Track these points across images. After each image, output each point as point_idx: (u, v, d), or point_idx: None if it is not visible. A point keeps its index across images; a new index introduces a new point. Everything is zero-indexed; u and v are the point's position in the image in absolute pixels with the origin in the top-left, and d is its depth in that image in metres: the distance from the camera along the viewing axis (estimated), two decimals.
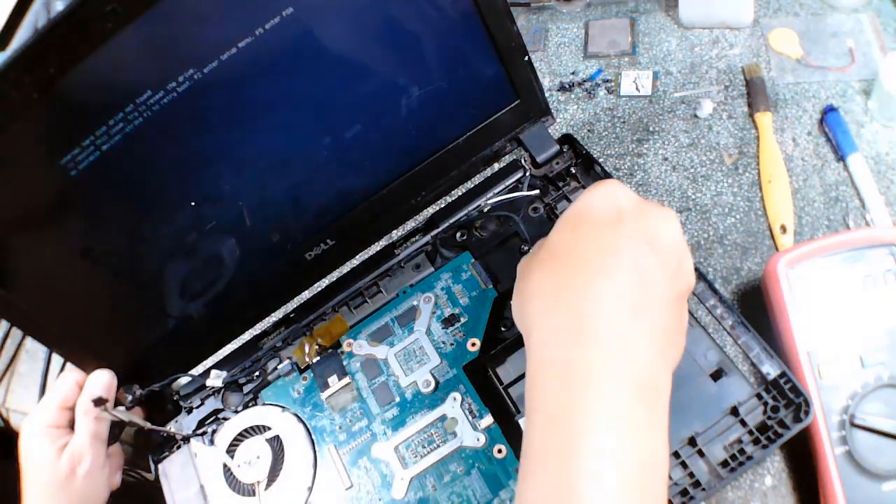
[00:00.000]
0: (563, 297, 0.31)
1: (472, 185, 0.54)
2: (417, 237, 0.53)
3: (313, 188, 0.49)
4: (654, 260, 0.32)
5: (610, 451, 0.28)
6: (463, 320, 0.49)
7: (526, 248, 0.50)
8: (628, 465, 0.28)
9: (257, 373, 0.52)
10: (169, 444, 0.52)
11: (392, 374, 0.49)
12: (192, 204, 0.45)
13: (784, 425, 0.40)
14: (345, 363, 0.50)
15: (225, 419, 0.51)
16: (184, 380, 0.54)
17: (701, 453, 0.41)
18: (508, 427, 0.45)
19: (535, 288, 0.33)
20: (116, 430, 0.50)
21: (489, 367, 0.48)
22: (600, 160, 0.51)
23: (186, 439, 0.51)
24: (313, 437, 0.49)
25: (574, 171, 0.52)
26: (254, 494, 0.47)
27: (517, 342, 0.48)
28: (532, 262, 0.35)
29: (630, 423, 0.29)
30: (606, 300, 0.30)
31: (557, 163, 0.52)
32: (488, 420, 0.45)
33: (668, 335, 0.32)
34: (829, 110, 0.58)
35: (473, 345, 0.47)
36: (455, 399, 0.46)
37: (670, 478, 0.41)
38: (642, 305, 0.31)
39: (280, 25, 0.40)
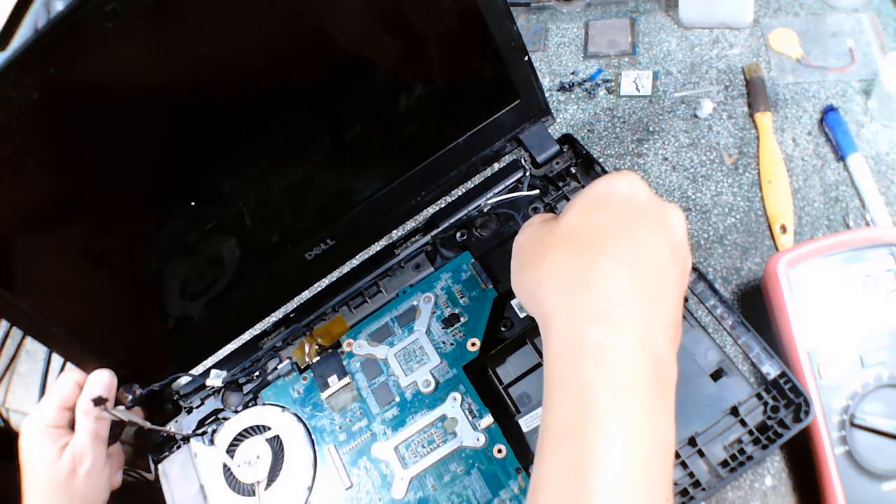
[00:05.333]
0: (586, 281, 0.32)
1: (473, 185, 0.54)
2: (417, 237, 0.53)
3: (313, 188, 0.49)
4: (670, 254, 0.33)
5: (627, 431, 0.29)
6: (463, 320, 0.49)
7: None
8: (642, 445, 0.29)
9: (257, 373, 0.52)
10: (169, 443, 0.52)
11: (392, 374, 0.49)
12: (192, 204, 0.45)
13: (784, 425, 0.40)
14: (345, 363, 0.50)
15: (225, 419, 0.51)
16: (184, 380, 0.54)
17: (701, 453, 0.41)
18: (508, 427, 0.45)
19: (553, 268, 0.33)
20: (117, 430, 0.50)
21: (489, 367, 0.48)
22: (600, 160, 0.51)
23: (186, 439, 0.51)
24: (313, 437, 0.49)
25: (574, 171, 0.52)
26: (254, 494, 0.47)
27: (517, 342, 0.48)
28: (547, 241, 0.35)
29: (647, 405, 0.30)
30: (629, 288, 0.31)
31: (557, 163, 0.52)
32: (488, 420, 0.45)
33: (676, 327, 0.33)
34: (829, 110, 0.58)
35: (473, 345, 0.47)
36: (455, 399, 0.46)
37: None
38: (660, 296, 0.32)
39: (280, 25, 0.40)
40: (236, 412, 0.51)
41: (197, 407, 0.53)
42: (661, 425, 0.31)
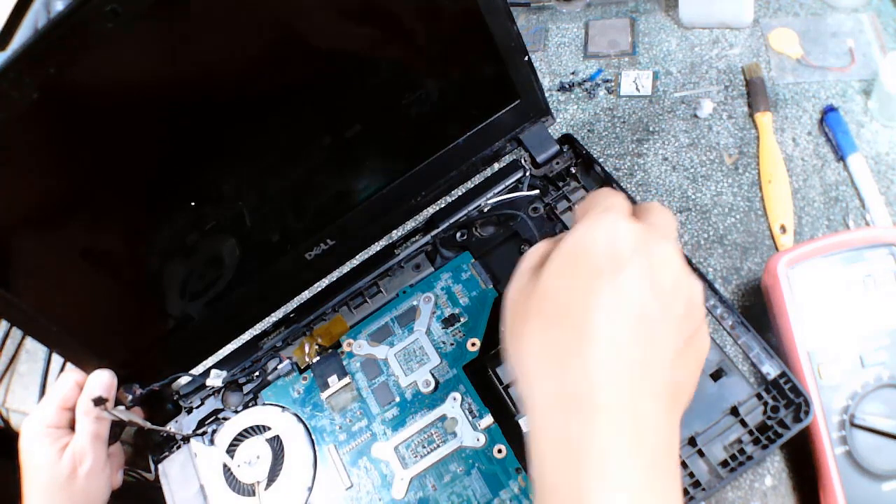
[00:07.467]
0: (560, 360, 0.29)
1: (473, 185, 0.54)
2: (417, 237, 0.53)
3: (313, 188, 0.49)
4: (659, 307, 0.29)
5: None
6: (463, 320, 0.49)
7: (525, 247, 0.50)
8: None
9: (257, 373, 0.52)
10: (169, 443, 0.52)
11: (392, 374, 0.49)
12: (192, 204, 0.45)
13: (784, 425, 0.40)
14: (345, 363, 0.50)
15: (225, 419, 0.51)
16: (184, 380, 0.54)
17: (701, 453, 0.41)
18: (508, 427, 0.45)
19: (529, 342, 0.31)
20: (117, 430, 0.50)
21: (489, 367, 0.48)
22: (600, 160, 0.51)
23: (186, 439, 0.51)
24: (313, 437, 0.49)
25: (574, 171, 0.52)
26: (254, 494, 0.47)
27: None
28: (527, 306, 0.32)
29: (640, 491, 0.27)
30: (608, 363, 0.28)
31: (557, 163, 0.52)
32: (488, 420, 0.45)
33: (676, 386, 0.30)
34: (829, 110, 0.58)
35: (473, 345, 0.47)
36: (455, 399, 0.46)
37: None
38: (646, 361, 0.29)
39: (280, 25, 0.40)
40: (236, 412, 0.51)
41: (197, 407, 0.53)
42: (662, 499, 0.28)
